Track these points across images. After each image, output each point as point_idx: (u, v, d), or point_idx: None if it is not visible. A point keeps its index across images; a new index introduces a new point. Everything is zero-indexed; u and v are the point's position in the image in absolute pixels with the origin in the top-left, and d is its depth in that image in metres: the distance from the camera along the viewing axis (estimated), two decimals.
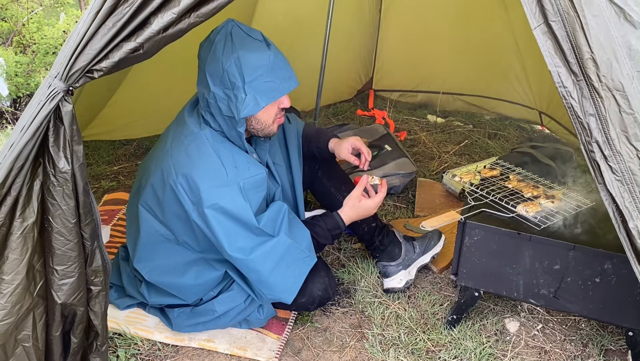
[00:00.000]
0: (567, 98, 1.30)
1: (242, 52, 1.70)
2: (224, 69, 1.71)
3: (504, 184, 2.18)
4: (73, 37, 1.32)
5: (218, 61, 1.71)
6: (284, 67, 1.79)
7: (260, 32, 1.79)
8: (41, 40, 4.21)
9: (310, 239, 1.95)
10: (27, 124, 1.30)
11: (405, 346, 1.99)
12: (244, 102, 1.72)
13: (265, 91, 1.74)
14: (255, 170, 1.85)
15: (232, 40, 1.72)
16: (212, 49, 1.73)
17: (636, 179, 1.27)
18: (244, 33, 1.75)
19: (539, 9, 1.28)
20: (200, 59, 1.80)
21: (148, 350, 1.95)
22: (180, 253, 1.93)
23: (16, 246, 1.35)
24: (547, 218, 1.93)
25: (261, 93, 1.73)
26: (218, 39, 1.73)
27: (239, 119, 1.76)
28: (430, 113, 4.02)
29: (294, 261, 1.89)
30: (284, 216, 1.89)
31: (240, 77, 1.70)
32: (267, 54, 1.73)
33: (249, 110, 1.73)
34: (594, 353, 1.99)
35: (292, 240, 1.87)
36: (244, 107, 1.72)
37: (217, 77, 1.73)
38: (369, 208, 2.07)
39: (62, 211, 1.37)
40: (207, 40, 1.78)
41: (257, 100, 1.73)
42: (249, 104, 1.73)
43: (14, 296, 1.37)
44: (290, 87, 1.81)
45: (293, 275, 1.89)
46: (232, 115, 1.75)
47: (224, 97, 1.74)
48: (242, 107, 1.72)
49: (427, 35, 3.77)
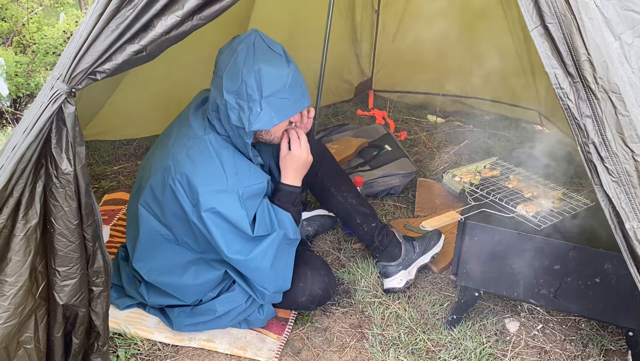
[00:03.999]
0: (564, 99, 1.30)
1: (263, 65, 1.71)
2: (242, 80, 1.71)
3: (504, 184, 2.19)
4: (75, 39, 1.33)
5: (238, 70, 1.71)
6: (300, 85, 1.79)
7: (281, 46, 1.80)
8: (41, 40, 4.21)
9: (293, 219, 1.95)
10: (29, 126, 1.30)
11: (405, 346, 2.00)
12: (258, 116, 1.72)
13: (280, 107, 1.75)
14: (256, 179, 1.86)
15: (255, 52, 1.73)
16: (234, 57, 1.73)
17: (632, 180, 1.27)
18: (266, 46, 1.75)
19: (536, 11, 1.28)
20: (218, 64, 1.80)
21: (148, 350, 1.96)
22: (179, 253, 1.93)
23: (19, 248, 1.36)
24: (547, 218, 1.93)
25: (276, 110, 1.74)
26: (240, 48, 1.73)
27: (249, 131, 1.76)
28: (430, 113, 4.02)
29: (285, 249, 1.92)
30: (269, 212, 1.89)
31: (258, 90, 1.71)
32: (286, 71, 1.74)
33: (262, 125, 1.74)
34: (594, 353, 2.00)
35: (283, 231, 1.89)
36: (257, 121, 1.73)
37: (233, 86, 1.73)
38: (299, 156, 1.96)
39: (64, 213, 1.37)
40: (229, 47, 1.78)
41: (271, 116, 1.73)
42: (263, 119, 1.73)
43: (17, 298, 1.38)
44: (303, 106, 1.82)
45: (288, 263, 1.93)
46: (242, 126, 1.76)
47: (236, 107, 1.74)
48: (255, 121, 1.73)
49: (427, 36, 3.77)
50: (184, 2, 1.29)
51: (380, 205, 2.87)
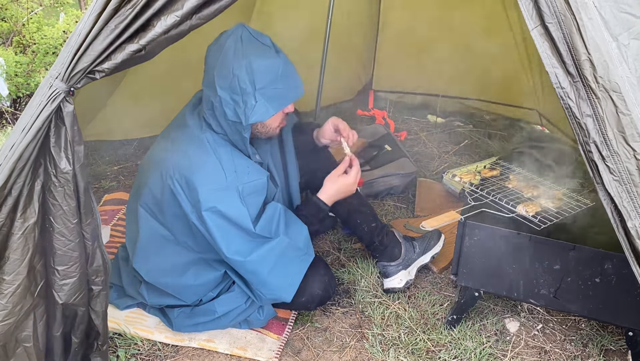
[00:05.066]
0: (565, 99, 1.30)
1: (254, 58, 1.71)
2: (234, 74, 1.71)
3: (504, 184, 2.19)
4: (74, 38, 1.33)
5: (228, 65, 1.71)
6: (292, 75, 1.79)
7: (269, 38, 1.80)
8: (41, 40, 4.21)
9: (308, 234, 1.95)
10: (28, 125, 1.30)
11: (405, 346, 2.00)
12: (253, 109, 1.72)
13: (274, 98, 1.75)
14: (255, 175, 1.86)
15: (243, 45, 1.72)
16: (223, 52, 1.73)
17: (634, 179, 1.27)
18: (254, 38, 1.75)
19: (535, 11, 1.28)
20: (208, 62, 1.79)
21: (148, 350, 1.96)
22: (179, 253, 1.93)
23: (17, 247, 1.36)
24: (547, 218, 1.93)
25: (271, 100, 1.74)
26: (229, 43, 1.73)
27: (246, 125, 1.76)
28: (430, 113, 4.02)
29: (291, 260, 1.89)
30: (279, 217, 1.89)
31: (251, 83, 1.71)
32: (277, 61, 1.74)
33: (258, 117, 1.74)
34: (594, 353, 1.99)
35: (289, 239, 1.88)
36: (253, 113, 1.73)
37: (225, 82, 1.73)
38: (348, 184, 2.02)
39: (63, 212, 1.37)
40: (217, 44, 1.78)
41: (267, 107, 1.73)
42: (259, 111, 1.73)
43: (15, 297, 1.38)
44: (297, 96, 1.82)
45: (291, 273, 1.90)
46: (238, 120, 1.76)
47: (231, 102, 1.74)
48: (251, 114, 1.73)
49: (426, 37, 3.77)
50: (183, 2, 1.29)
51: (380, 205, 2.87)
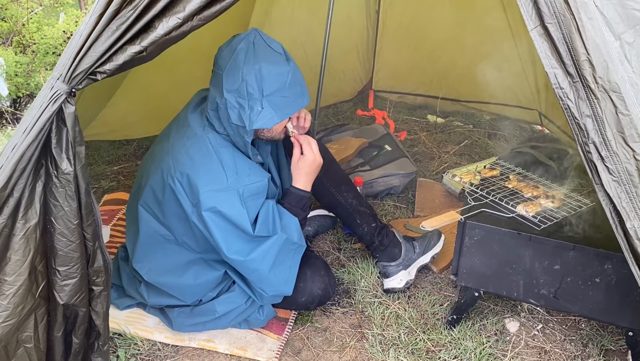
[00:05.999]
0: (564, 99, 1.30)
1: (264, 64, 1.71)
2: (243, 79, 1.71)
3: (504, 184, 2.19)
4: (75, 39, 1.33)
5: (238, 69, 1.72)
6: (300, 84, 1.80)
7: (281, 45, 1.80)
8: (41, 40, 4.21)
9: (299, 225, 1.95)
10: (29, 126, 1.31)
11: (405, 346, 2.00)
12: (259, 115, 1.73)
13: (280, 106, 1.75)
14: (256, 177, 1.86)
15: (255, 50, 1.73)
16: (234, 56, 1.73)
17: (633, 179, 1.27)
18: (266, 44, 1.75)
19: (535, 12, 1.28)
20: (218, 63, 1.80)
21: (148, 350, 1.96)
22: (179, 253, 1.93)
23: (18, 248, 1.36)
24: (547, 218, 1.93)
25: (277, 108, 1.74)
26: (240, 47, 1.74)
27: (250, 130, 1.76)
28: (430, 113, 4.02)
29: (287, 253, 1.91)
30: (274, 214, 1.89)
31: (259, 89, 1.71)
32: (287, 69, 1.75)
33: (262, 123, 1.74)
34: (594, 353, 2.00)
35: (286, 235, 1.89)
36: (258, 119, 1.73)
37: (233, 85, 1.73)
38: (310, 161, 1.95)
39: (64, 213, 1.38)
40: (229, 46, 1.78)
41: (272, 115, 1.74)
42: (264, 117, 1.73)
43: (16, 298, 1.38)
44: (302, 104, 1.82)
45: (288, 266, 1.91)
46: (242, 124, 1.76)
47: (236, 106, 1.74)
48: (255, 120, 1.73)
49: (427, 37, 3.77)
50: (185, 4, 1.29)
51: (380, 205, 2.87)
